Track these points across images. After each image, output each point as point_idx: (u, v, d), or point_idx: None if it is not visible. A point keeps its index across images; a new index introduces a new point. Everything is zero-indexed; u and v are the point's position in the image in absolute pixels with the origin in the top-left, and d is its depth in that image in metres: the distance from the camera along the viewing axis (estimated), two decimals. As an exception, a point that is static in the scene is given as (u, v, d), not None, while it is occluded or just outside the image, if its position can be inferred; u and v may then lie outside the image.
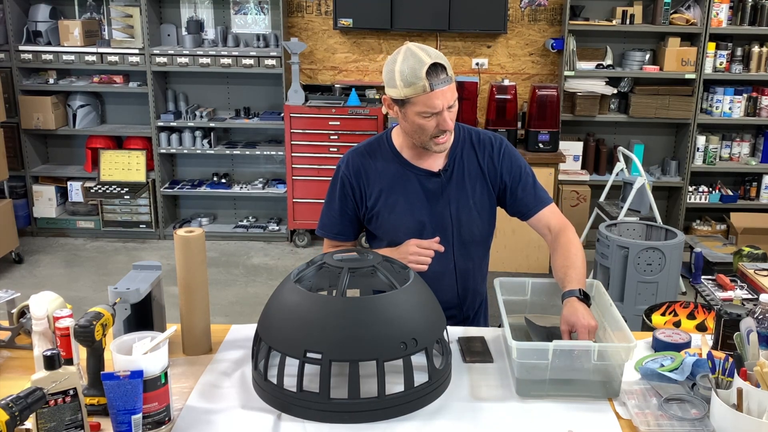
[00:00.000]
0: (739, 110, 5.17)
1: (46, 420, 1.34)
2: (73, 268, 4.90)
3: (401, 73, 1.84)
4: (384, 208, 2.04)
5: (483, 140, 2.07)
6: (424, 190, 2.03)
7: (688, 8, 5.10)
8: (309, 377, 1.51)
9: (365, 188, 2.05)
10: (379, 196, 2.04)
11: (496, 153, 2.05)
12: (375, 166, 2.05)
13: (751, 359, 1.49)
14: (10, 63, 5.17)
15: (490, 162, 2.05)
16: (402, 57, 1.85)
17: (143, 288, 1.70)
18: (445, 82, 1.84)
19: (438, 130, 1.90)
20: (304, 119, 5.05)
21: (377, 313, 1.53)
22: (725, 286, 3.42)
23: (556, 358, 1.58)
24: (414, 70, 1.82)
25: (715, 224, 5.36)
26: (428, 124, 1.89)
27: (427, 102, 1.84)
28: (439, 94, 1.84)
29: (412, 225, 2.03)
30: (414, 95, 1.84)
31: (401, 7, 5.01)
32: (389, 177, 2.03)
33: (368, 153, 2.07)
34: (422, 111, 1.86)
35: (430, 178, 2.03)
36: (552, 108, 4.80)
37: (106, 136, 5.40)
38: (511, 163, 2.06)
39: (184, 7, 5.33)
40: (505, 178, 2.05)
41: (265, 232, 5.47)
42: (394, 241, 2.03)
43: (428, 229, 2.03)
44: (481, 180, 2.05)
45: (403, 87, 1.84)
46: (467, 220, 2.05)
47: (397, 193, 2.03)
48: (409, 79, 1.83)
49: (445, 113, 1.87)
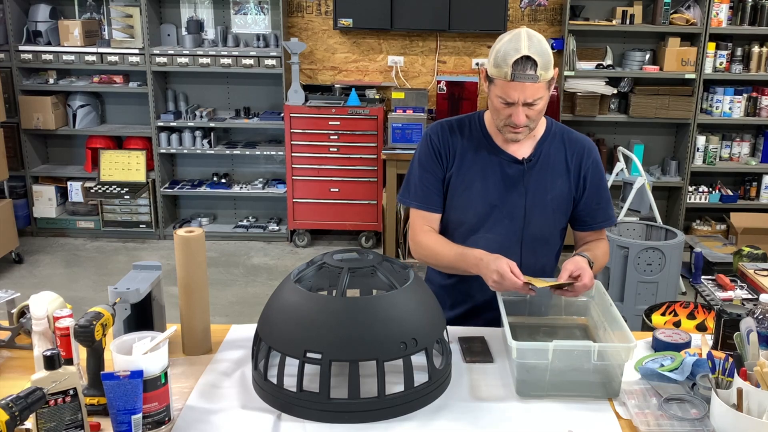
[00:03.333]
0: (739, 110, 5.17)
1: (46, 420, 1.34)
2: (73, 268, 4.90)
3: (497, 52, 1.86)
4: (461, 183, 2.03)
5: (575, 139, 2.07)
6: (504, 174, 2.01)
7: (688, 8, 5.10)
8: (309, 377, 1.51)
9: (450, 157, 2.04)
10: (459, 169, 2.03)
11: (586, 155, 2.05)
12: (461, 139, 2.04)
13: (751, 359, 1.49)
14: (10, 63, 5.17)
15: (577, 162, 2.04)
16: (509, 37, 1.87)
17: (143, 288, 1.70)
18: (528, 78, 1.82)
19: (510, 121, 1.90)
20: (304, 119, 5.05)
21: (377, 313, 1.53)
22: (725, 286, 3.42)
23: (556, 358, 1.58)
24: (507, 54, 1.83)
25: (715, 224, 5.36)
26: (503, 110, 1.90)
27: (505, 89, 1.85)
28: (518, 86, 1.83)
29: (483, 207, 2.02)
30: (497, 77, 1.86)
31: (401, 7, 5.01)
32: (472, 153, 2.03)
33: (458, 126, 2.07)
34: (500, 96, 1.88)
35: (513, 165, 2.02)
36: (552, 108, 4.80)
37: (106, 136, 5.39)
38: (597, 170, 2.06)
39: (184, 7, 5.33)
40: (587, 183, 2.05)
41: (265, 232, 5.47)
42: (461, 219, 2.03)
43: (499, 215, 2.02)
44: (564, 177, 2.03)
45: (493, 66, 1.86)
46: (540, 214, 2.03)
47: (476, 171, 2.02)
48: (499, 60, 1.84)
49: (519, 108, 1.87)
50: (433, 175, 2.04)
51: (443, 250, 1.99)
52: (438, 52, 5.36)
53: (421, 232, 2.05)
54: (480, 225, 2.03)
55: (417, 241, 2.06)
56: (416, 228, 2.07)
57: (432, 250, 2.02)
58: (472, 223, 2.04)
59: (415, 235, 2.07)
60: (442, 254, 1.99)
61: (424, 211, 2.06)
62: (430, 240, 2.03)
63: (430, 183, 2.04)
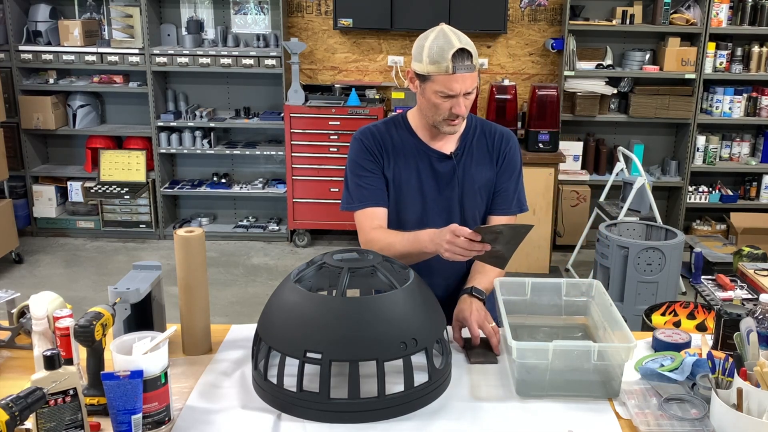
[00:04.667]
0: (739, 110, 5.17)
1: (46, 420, 1.34)
2: (73, 268, 4.90)
3: (429, 50, 1.89)
4: (396, 183, 2.08)
5: (494, 130, 2.14)
6: (434, 170, 2.08)
7: (688, 8, 5.10)
8: (309, 377, 1.51)
9: (384, 155, 2.08)
10: (393, 169, 2.08)
11: (504, 142, 2.12)
12: (392, 138, 2.09)
13: (751, 359, 1.49)
14: (10, 63, 5.17)
15: (497, 149, 2.11)
16: (434, 35, 1.91)
17: (143, 288, 1.70)
18: (467, 69, 1.89)
19: (451, 113, 1.95)
20: (304, 119, 5.05)
21: (377, 313, 1.53)
22: (725, 286, 3.42)
23: (556, 358, 1.58)
24: (441, 50, 1.87)
25: (715, 224, 5.36)
26: (443, 105, 1.94)
27: (447, 83, 1.89)
28: (459, 78, 1.88)
29: (420, 204, 2.08)
30: (436, 73, 1.89)
31: (401, 7, 5.02)
32: (403, 153, 2.08)
33: (385, 127, 2.11)
34: (440, 90, 1.91)
35: (443, 160, 2.08)
36: (552, 108, 4.80)
37: (106, 136, 5.40)
38: (515, 156, 2.13)
39: (184, 7, 5.33)
40: (505, 166, 2.12)
41: (265, 232, 5.47)
42: (401, 220, 2.08)
43: (436, 209, 2.08)
44: (488, 166, 2.11)
45: (428, 63, 1.90)
46: (471, 205, 2.10)
47: (411, 168, 2.08)
48: (435, 57, 1.88)
49: (460, 98, 1.92)
50: (370, 172, 2.08)
51: (396, 239, 2.00)
52: (438, 52, 5.36)
53: (370, 230, 2.06)
54: (419, 223, 2.07)
55: (369, 239, 2.06)
56: (365, 228, 2.08)
57: (385, 242, 2.01)
58: (412, 220, 2.09)
59: (365, 234, 2.08)
60: (396, 243, 1.99)
61: (369, 208, 2.08)
62: (381, 234, 2.05)
63: (369, 180, 2.08)
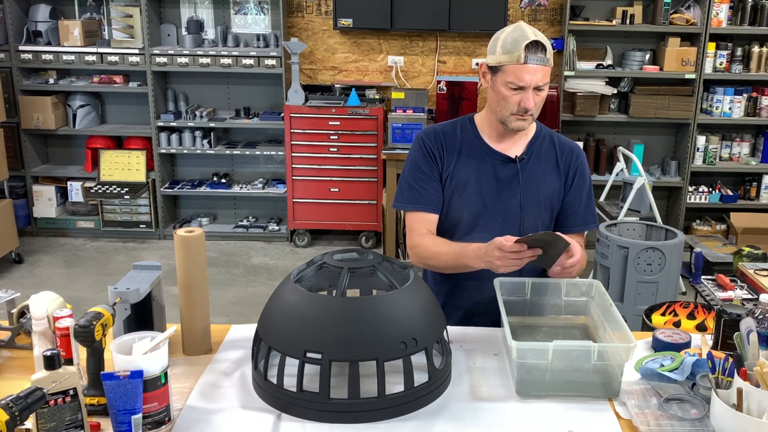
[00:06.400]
0: (739, 110, 5.17)
1: (46, 420, 1.34)
2: (73, 268, 4.90)
3: (503, 40, 1.90)
4: (455, 184, 2.05)
5: (565, 142, 2.12)
6: (497, 174, 2.04)
7: (688, 8, 5.10)
8: (309, 377, 1.51)
9: (444, 156, 2.06)
10: (453, 170, 2.05)
11: (575, 158, 2.09)
12: (454, 139, 2.07)
13: (751, 359, 1.49)
14: (10, 63, 5.17)
15: (567, 162, 2.08)
16: (511, 29, 1.92)
17: (143, 288, 1.70)
18: (539, 61, 1.88)
19: (520, 107, 1.93)
20: (304, 119, 5.05)
21: (377, 313, 1.53)
22: (725, 286, 3.42)
23: (556, 358, 1.58)
24: (515, 41, 1.88)
25: (715, 224, 5.36)
26: (512, 97, 1.92)
27: (518, 73, 1.88)
28: (530, 69, 1.88)
29: (477, 206, 2.04)
30: (508, 63, 1.89)
31: (401, 7, 5.01)
32: (465, 154, 2.06)
33: (450, 128, 2.10)
34: (510, 81, 1.90)
35: (506, 164, 2.05)
36: (552, 108, 4.80)
37: (106, 136, 5.39)
38: (584, 174, 2.11)
39: (184, 7, 5.33)
40: (574, 183, 2.08)
41: (265, 232, 5.47)
42: (456, 219, 2.05)
43: (493, 214, 2.04)
44: (555, 177, 2.07)
45: (501, 53, 1.90)
46: (534, 212, 2.06)
47: (471, 169, 2.04)
48: (508, 47, 1.89)
49: (530, 92, 1.91)
50: (428, 176, 2.05)
51: (442, 249, 1.99)
52: (438, 52, 5.36)
53: (418, 235, 2.05)
54: (475, 224, 2.05)
55: (415, 243, 2.05)
56: (414, 231, 2.07)
57: (432, 251, 2.01)
58: (468, 223, 2.05)
59: (413, 238, 2.07)
60: (442, 253, 1.99)
61: (420, 213, 2.07)
62: (429, 241, 2.03)
63: (425, 183, 2.06)
